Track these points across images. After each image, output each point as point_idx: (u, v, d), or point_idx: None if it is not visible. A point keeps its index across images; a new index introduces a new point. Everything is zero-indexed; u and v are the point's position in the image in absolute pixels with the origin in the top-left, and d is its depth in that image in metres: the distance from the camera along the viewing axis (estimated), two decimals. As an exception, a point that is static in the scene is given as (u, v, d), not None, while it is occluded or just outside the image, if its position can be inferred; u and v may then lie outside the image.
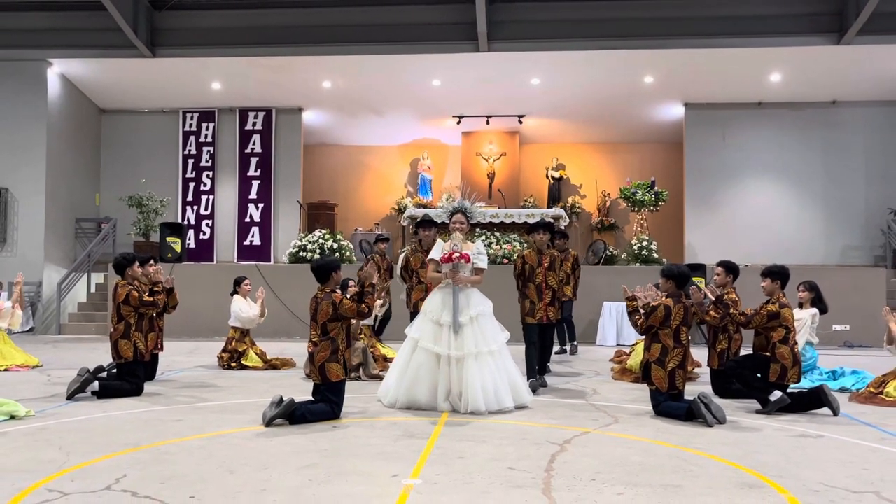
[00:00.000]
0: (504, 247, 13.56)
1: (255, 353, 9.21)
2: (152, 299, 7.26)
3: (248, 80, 15.47)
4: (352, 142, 18.21)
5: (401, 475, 4.28)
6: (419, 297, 8.60)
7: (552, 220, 13.61)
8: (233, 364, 9.06)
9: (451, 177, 17.99)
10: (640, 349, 7.81)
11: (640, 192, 15.12)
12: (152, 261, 7.99)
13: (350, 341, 6.55)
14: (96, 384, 6.82)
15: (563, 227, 13.80)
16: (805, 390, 6.58)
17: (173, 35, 14.47)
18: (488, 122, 16.90)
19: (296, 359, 9.37)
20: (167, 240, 14.01)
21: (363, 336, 8.61)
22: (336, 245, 13.87)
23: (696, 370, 8.49)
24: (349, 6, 14.11)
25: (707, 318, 6.79)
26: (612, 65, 14.54)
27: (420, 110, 16.69)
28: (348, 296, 6.05)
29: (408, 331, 6.67)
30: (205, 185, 16.76)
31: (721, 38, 13.65)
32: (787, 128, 15.90)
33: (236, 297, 9.32)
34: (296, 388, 7.41)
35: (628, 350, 9.59)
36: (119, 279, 7.34)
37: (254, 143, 16.74)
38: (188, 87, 15.82)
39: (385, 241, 10.91)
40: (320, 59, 14.59)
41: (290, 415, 5.65)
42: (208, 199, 16.74)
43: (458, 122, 17.02)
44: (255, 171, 16.71)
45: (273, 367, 9.12)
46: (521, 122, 16.78)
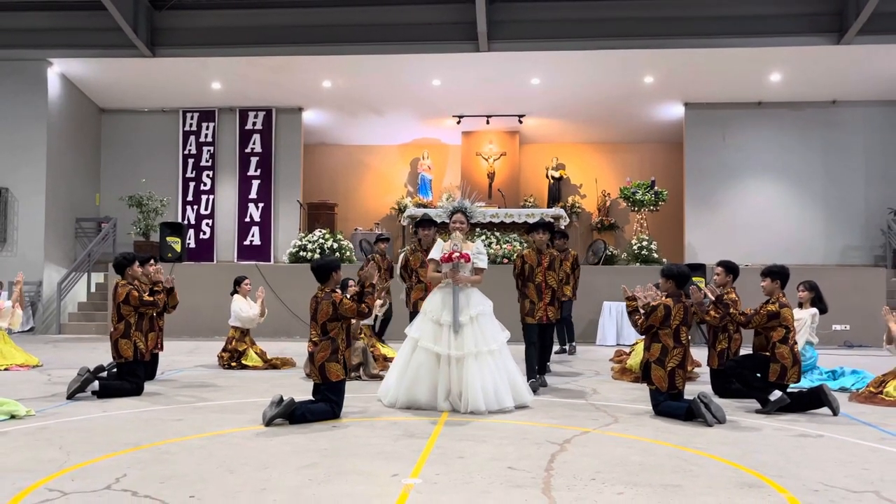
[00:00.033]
0: (504, 246, 13.56)
1: (256, 353, 9.21)
2: (152, 299, 7.26)
3: (248, 79, 15.47)
4: (352, 141, 18.22)
5: (401, 475, 4.28)
6: (419, 297, 8.62)
7: (552, 219, 13.62)
8: (233, 364, 9.06)
9: (451, 176, 17.99)
10: (640, 349, 7.81)
11: (640, 192, 15.12)
12: (152, 260, 7.99)
13: (350, 341, 6.55)
14: (96, 384, 6.82)
15: (563, 227, 13.81)
16: (805, 390, 6.59)
17: (173, 35, 14.47)
18: (488, 122, 16.90)
19: (296, 358, 9.38)
20: (167, 239, 14.01)
21: (363, 336, 8.62)
22: (336, 245, 13.87)
23: (695, 370, 8.50)
24: (349, 6, 14.11)
25: (707, 317, 6.79)
26: (612, 65, 14.55)
27: (420, 110, 16.69)
28: (348, 296, 6.05)
29: (408, 330, 6.67)
30: (205, 184, 16.76)
31: (721, 37, 13.66)
32: (787, 128, 15.90)
33: (236, 296, 9.33)
34: (296, 387, 7.41)
35: (628, 350, 9.59)
36: (119, 279, 7.35)
37: (254, 143, 16.74)
38: (188, 86, 15.83)
39: (385, 240, 10.92)
40: (320, 59, 14.59)
41: (290, 414, 5.65)
42: (208, 199, 16.75)
43: (458, 122, 17.02)
44: (256, 170, 16.71)
45: (273, 367, 9.12)
46: (521, 121, 16.78)
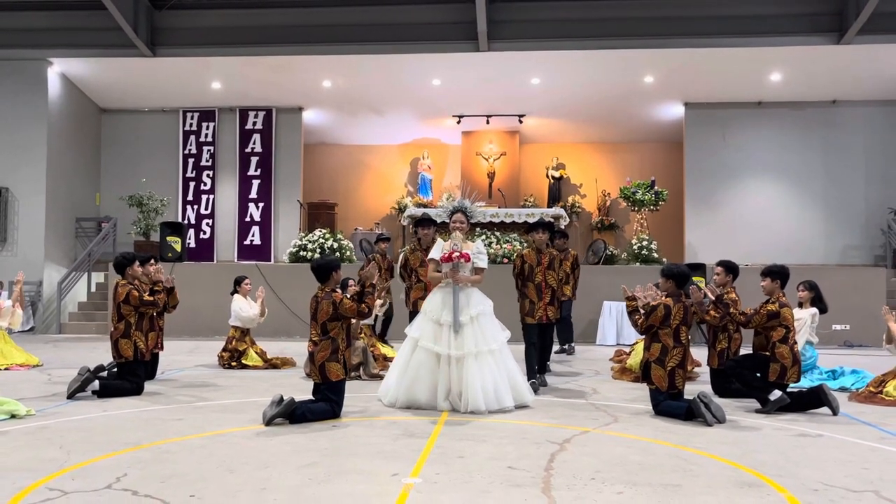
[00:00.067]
0: (504, 246, 13.56)
1: (256, 353, 9.21)
2: (152, 299, 7.27)
3: (249, 79, 15.48)
4: (352, 141, 18.22)
5: (401, 474, 4.28)
6: (418, 296, 8.63)
7: (552, 219, 13.63)
8: (233, 363, 9.07)
9: (452, 176, 17.99)
10: (640, 348, 7.82)
11: (640, 192, 15.12)
12: (153, 260, 7.99)
13: (350, 341, 6.55)
14: (97, 383, 6.82)
15: (563, 227, 13.82)
16: (805, 390, 6.59)
17: (173, 34, 14.48)
18: (488, 122, 16.90)
19: (296, 358, 9.38)
20: (167, 239, 14.01)
21: (363, 335, 8.62)
22: (336, 244, 13.87)
23: (695, 369, 8.50)
24: (349, 6, 14.11)
25: (707, 317, 6.79)
26: (613, 64, 14.55)
27: (420, 110, 16.69)
28: (348, 295, 6.05)
29: (408, 330, 6.68)
30: (205, 184, 16.76)
31: (721, 37, 13.66)
32: (788, 127, 15.91)
33: (236, 296, 9.34)
34: (296, 387, 7.41)
35: (628, 349, 9.59)
36: (119, 278, 7.35)
37: (254, 143, 16.75)
38: (188, 86, 15.83)
39: (386, 240, 10.93)
40: (320, 59, 14.60)
41: (291, 414, 5.65)
42: (208, 199, 16.75)
43: (459, 122, 17.02)
44: (256, 170, 16.72)
45: (273, 367, 9.12)
46: (521, 121, 16.78)
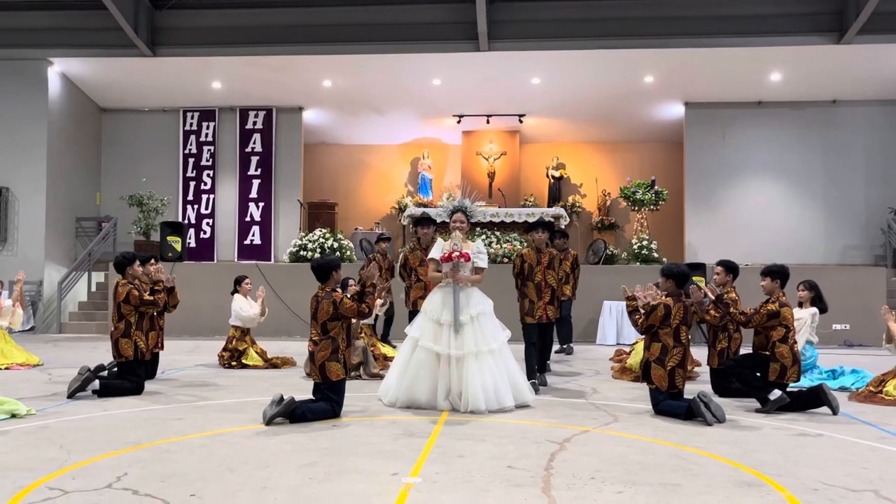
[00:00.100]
0: (504, 246, 13.57)
1: (256, 352, 9.22)
2: (153, 298, 7.27)
3: (249, 79, 15.48)
4: (352, 141, 18.22)
5: (401, 474, 4.28)
6: (418, 296, 8.63)
7: (552, 219, 13.63)
8: (233, 363, 9.07)
9: (452, 176, 18.00)
10: (640, 348, 7.82)
11: (641, 192, 15.12)
12: (153, 260, 8.00)
13: (350, 340, 6.56)
14: (97, 383, 6.83)
15: (564, 227, 13.82)
16: (804, 389, 6.59)
17: (174, 34, 14.48)
18: (488, 122, 16.91)
19: (296, 358, 9.38)
20: (168, 239, 14.01)
21: (363, 335, 8.62)
22: (336, 244, 13.87)
23: (695, 369, 8.50)
24: (350, 5, 14.11)
25: (707, 317, 6.79)
26: (613, 64, 14.55)
27: (420, 109, 16.70)
28: (349, 295, 6.06)
29: (408, 330, 6.68)
30: (205, 184, 16.77)
31: (721, 37, 13.66)
32: (788, 127, 15.91)
33: (237, 295, 9.34)
34: (296, 386, 7.42)
35: (628, 349, 9.60)
36: (120, 278, 7.36)
37: (254, 143, 16.75)
38: (189, 86, 15.83)
39: (387, 240, 10.93)
40: (321, 59, 14.60)
41: (291, 413, 5.66)
42: (209, 199, 16.75)
43: (459, 122, 17.03)
44: (256, 170, 16.72)
45: (273, 366, 9.12)
46: (521, 121, 16.79)
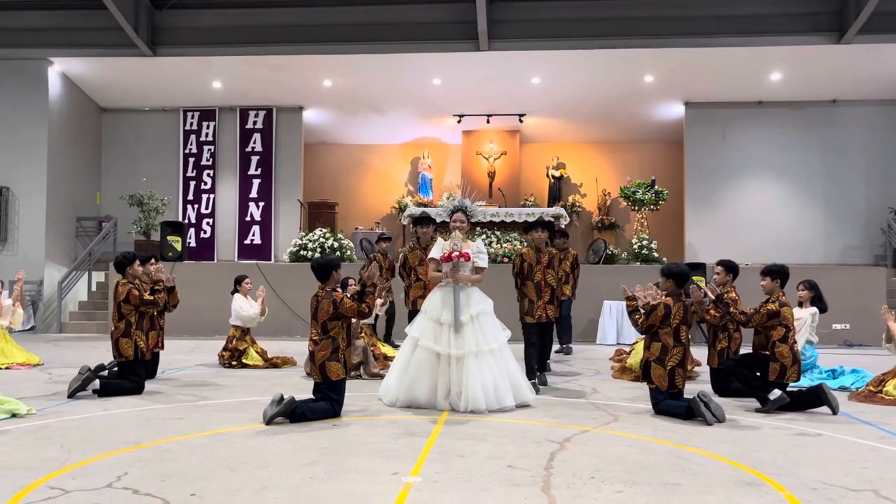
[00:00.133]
0: (504, 246, 13.57)
1: (256, 352, 9.22)
2: (153, 298, 7.27)
3: (249, 78, 15.48)
4: (352, 140, 18.22)
5: (401, 473, 4.29)
6: (417, 295, 8.63)
7: (552, 218, 13.63)
8: (233, 362, 9.07)
9: (452, 176, 18.00)
10: (640, 348, 7.82)
11: (641, 191, 15.12)
12: (153, 259, 8.00)
13: (351, 340, 6.56)
14: (97, 382, 6.83)
15: (564, 226, 13.82)
16: (804, 389, 6.58)
17: (174, 34, 14.48)
18: (489, 121, 16.91)
19: (296, 357, 9.38)
20: (168, 238, 14.01)
21: (363, 335, 8.63)
22: (336, 244, 13.88)
23: (695, 369, 8.50)
24: (350, 5, 14.11)
25: (707, 316, 6.79)
26: (613, 64, 14.55)
27: (420, 109, 16.70)
28: (349, 295, 6.06)
29: (408, 329, 6.69)
30: (205, 183, 16.77)
31: (721, 37, 13.66)
32: (788, 127, 15.91)
33: (237, 295, 9.34)
34: (296, 386, 7.42)
35: (628, 349, 9.60)
36: (120, 278, 7.36)
37: (254, 142, 16.75)
38: (189, 85, 15.84)
39: (387, 240, 10.92)
40: (321, 58, 14.60)
41: (291, 413, 5.66)
42: (209, 198, 16.76)
43: (459, 121, 17.03)
44: (256, 169, 16.72)
45: (274, 366, 9.13)
46: (521, 121, 16.79)
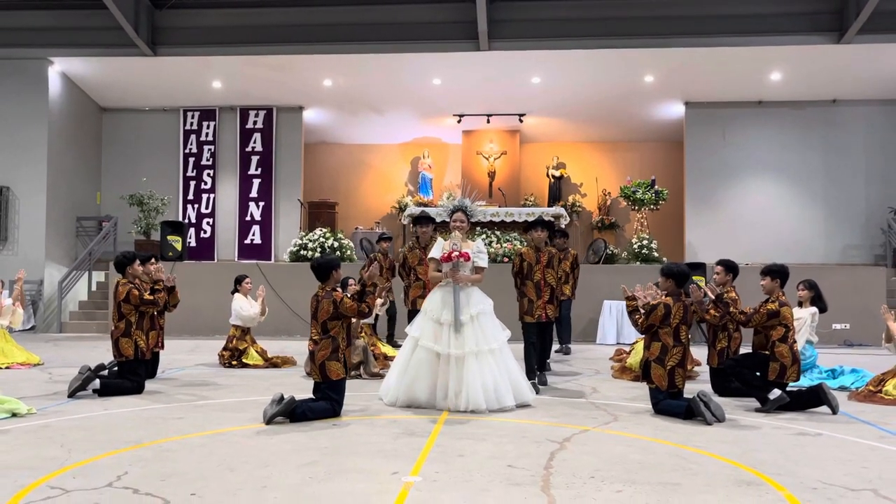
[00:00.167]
0: (504, 245, 13.57)
1: (256, 352, 9.23)
2: (153, 298, 7.28)
3: (249, 78, 15.48)
4: (352, 140, 18.23)
5: (401, 473, 4.29)
6: (417, 295, 8.62)
7: (552, 218, 13.63)
8: (233, 362, 9.08)
9: (452, 175, 18.00)
10: (640, 347, 7.82)
11: (641, 191, 15.12)
12: (153, 259, 8.00)
13: (351, 340, 6.56)
14: (97, 382, 6.83)
15: (564, 226, 13.82)
16: (804, 389, 6.59)
17: (174, 34, 14.48)
18: (489, 121, 16.91)
19: (296, 357, 9.39)
20: (168, 238, 14.01)
21: (363, 334, 8.63)
22: (336, 244, 13.88)
23: (695, 368, 8.51)
24: (350, 5, 14.11)
25: (707, 316, 6.79)
26: (613, 64, 14.55)
27: (420, 109, 16.70)
28: (349, 295, 6.06)
29: (408, 329, 6.69)
30: (205, 183, 16.77)
31: (721, 36, 13.66)
32: (788, 127, 15.91)
33: (237, 295, 9.35)
34: (296, 386, 7.42)
35: (628, 348, 9.60)
36: (120, 277, 7.37)
37: (254, 142, 16.76)
38: (189, 85, 15.84)
39: (388, 239, 10.92)
40: (321, 58, 14.60)
41: (291, 413, 5.67)
42: (209, 198, 16.76)
43: (459, 121, 17.03)
44: (256, 169, 16.72)
45: (274, 366, 9.13)
46: (521, 120, 16.79)
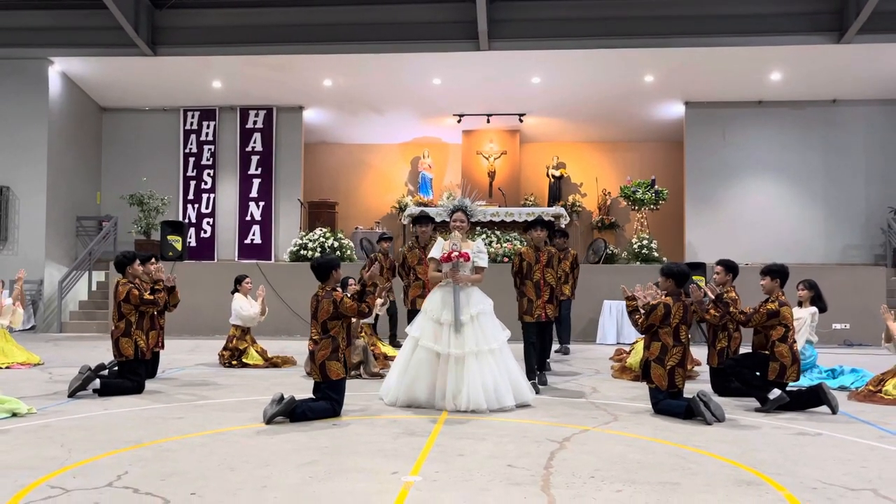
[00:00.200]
0: (504, 245, 13.57)
1: (256, 352, 9.23)
2: (153, 297, 7.28)
3: (249, 78, 15.48)
4: (352, 140, 18.23)
5: (401, 472, 4.29)
6: (416, 294, 8.62)
7: (552, 218, 13.63)
8: (234, 362, 9.08)
9: (452, 175, 18.00)
10: (640, 347, 7.82)
11: (641, 191, 15.12)
12: (153, 259, 8.00)
13: (350, 339, 6.56)
14: (98, 382, 6.84)
15: (564, 226, 13.83)
16: (804, 388, 6.59)
17: (174, 33, 14.48)
18: (489, 121, 16.91)
19: (296, 357, 9.39)
20: (168, 238, 14.01)
21: (363, 334, 8.63)
22: (336, 244, 13.88)
23: (695, 368, 8.51)
24: (350, 5, 14.11)
25: (707, 316, 6.80)
26: (613, 63, 14.55)
27: (421, 109, 16.70)
28: (349, 294, 6.06)
29: (408, 329, 6.70)
30: (205, 183, 16.78)
31: (721, 36, 13.66)
32: (788, 127, 15.91)
33: (237, 295, 9.35)
34: (296, 386, 7.43)
35: (628, 348, 9.61)
36: (120, 277, 7.37)
37: (254, 142, 16.76)
38: (189, 85, 15.84)
39: (388, 239, 10.91)
40: (321, 58, 14.61)
41: (291, 412, 5.67)
42: (209, 198, 16.76)
43: (459, 121, 17.03)
44: (256, 169, 16.73)
45: (274, 366, 9.13)
46: (521, 120, 16.79)
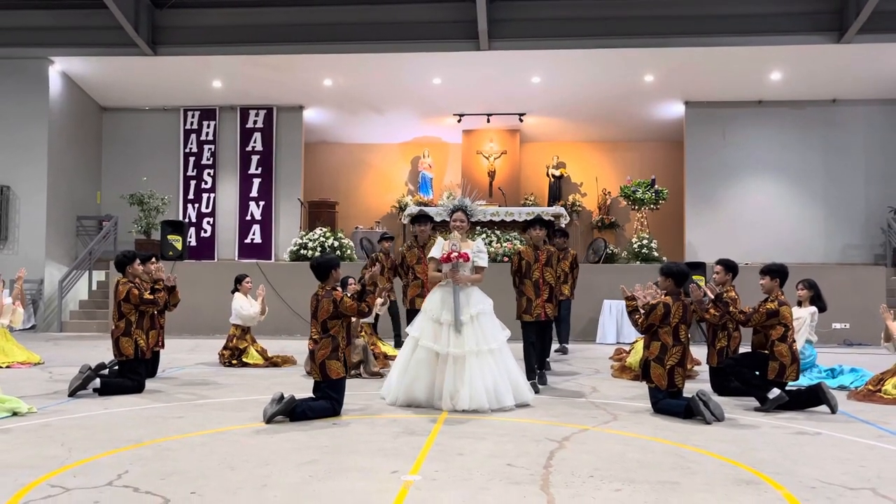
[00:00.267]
0: (504, 245, 13.58)
1: (256, 351, 9.24)
2: (153, 297, 7.28)
3: (250, 78, 15.49)
4: (353, 140, 18.23)
5: (400, 471, 4.30)
6: (415, 294, 8.61)
7: (552, 217, 13.64)
8: (234, 361, 9.09)
9: (452, 175, 18.00)
10: (640, 347, 7.83)
11: (641, 191, 15.13)
12: (153, 258, 8.01)
13: (350, 339, 6.57)
14: (98, 381, 6.84)
15: (564, 226, 13.83)
16: (803, 388, 6.60)
17: (174, 33, 14.49)
18: (489, 121, 16.91)
19: (296, 356, 9.40)
20: (168, 237, 14.02)
21: (363, 333, 8.64)
22: (337, 243, 13.89)
23: (695, 368, 8.52)
24: (350, 4, 14.12)
25: (706, 316, 6.80)
26: (613, 63, 14.56)
27: (421, 108, 16.71)
28: (349, 294, 6.07)
29: (409, 329, 6.70)
30: (206, 182, 16.78)
31: (721, 36, 13.67)
32: (788, 126, 15.92)
33: (237, 294, 9.36)
34: (296, 385, 7.44)
35: (628, 348, 9.62)
36: (120, 277, 7.38)
37: (255, 141, 16.76)
38: (189, 84, 15.85)
39: (389, 239, 10.90)
40: (321, 58, 14.62)
41: (291, 412, 5.67)
42: (209, 197, 16.77)
43: (459, 121, 17.04)
44: (256, 169, 16.73)
45: (274, 365, 9.14)
46: (521, 120, 16.80)
